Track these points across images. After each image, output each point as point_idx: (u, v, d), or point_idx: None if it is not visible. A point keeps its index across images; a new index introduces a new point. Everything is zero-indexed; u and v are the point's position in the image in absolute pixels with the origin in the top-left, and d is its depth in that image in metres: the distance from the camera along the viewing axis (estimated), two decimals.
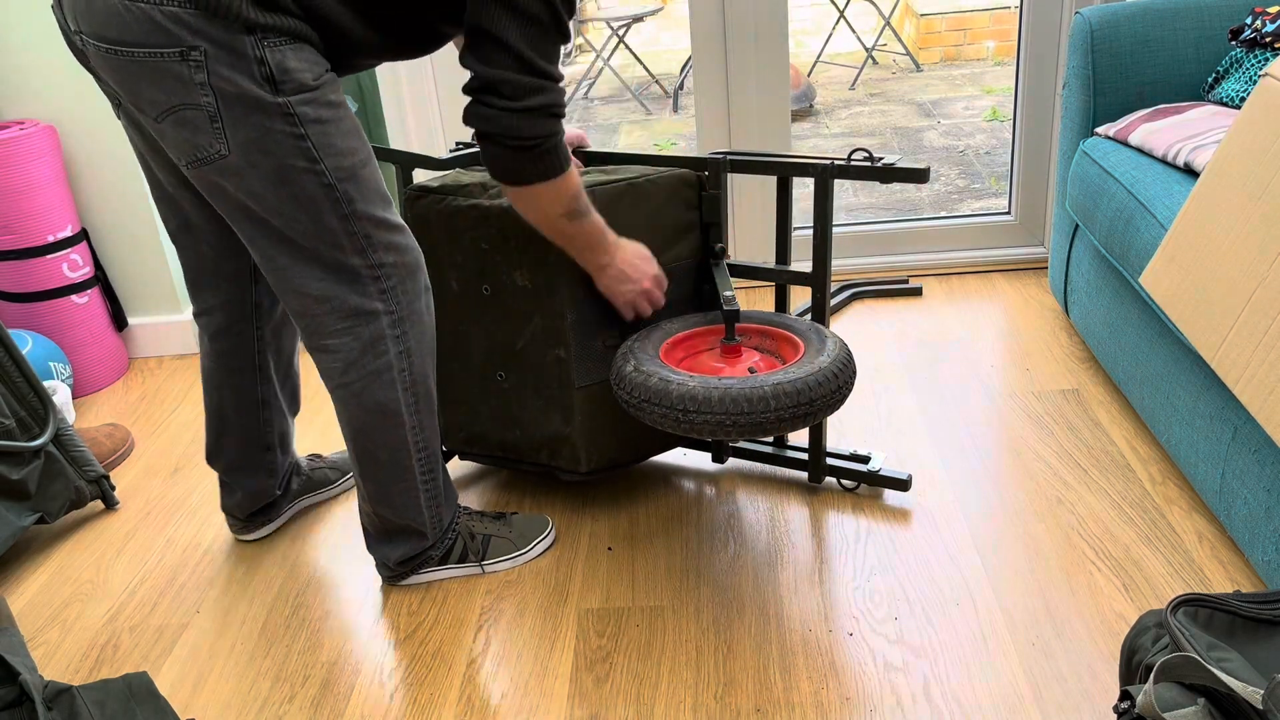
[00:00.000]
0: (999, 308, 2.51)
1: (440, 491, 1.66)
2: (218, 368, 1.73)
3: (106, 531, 1.96)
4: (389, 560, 1.68)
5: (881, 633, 1.54)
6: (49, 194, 2.38)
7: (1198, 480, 1.68)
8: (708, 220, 1.79)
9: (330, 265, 1.45)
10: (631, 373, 1.58)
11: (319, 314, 1.48)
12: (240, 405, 1.75)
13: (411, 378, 1.54)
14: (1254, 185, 1.36)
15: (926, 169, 1.63)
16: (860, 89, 5.42)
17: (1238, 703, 0.94)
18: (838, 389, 1.54)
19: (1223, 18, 2.07)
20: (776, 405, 1.49)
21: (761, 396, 1.48)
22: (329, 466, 1.99)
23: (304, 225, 1.42)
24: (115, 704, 1.22)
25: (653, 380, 1.54)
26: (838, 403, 1.55)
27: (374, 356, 1.50)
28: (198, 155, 1.37)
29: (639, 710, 1.45)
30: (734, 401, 1.48)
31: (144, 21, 1.28)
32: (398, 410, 1.55)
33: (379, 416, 1.54)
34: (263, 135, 1.35)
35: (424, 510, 1.64)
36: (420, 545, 1.68)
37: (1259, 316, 1.31)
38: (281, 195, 1.40)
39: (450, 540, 1.71)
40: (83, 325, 2.49)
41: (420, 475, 1.62)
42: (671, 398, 1.51)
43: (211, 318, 1.70)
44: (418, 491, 1.63)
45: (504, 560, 1.74)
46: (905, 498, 1.84)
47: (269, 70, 1.32)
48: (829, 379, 1.53)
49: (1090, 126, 2.16)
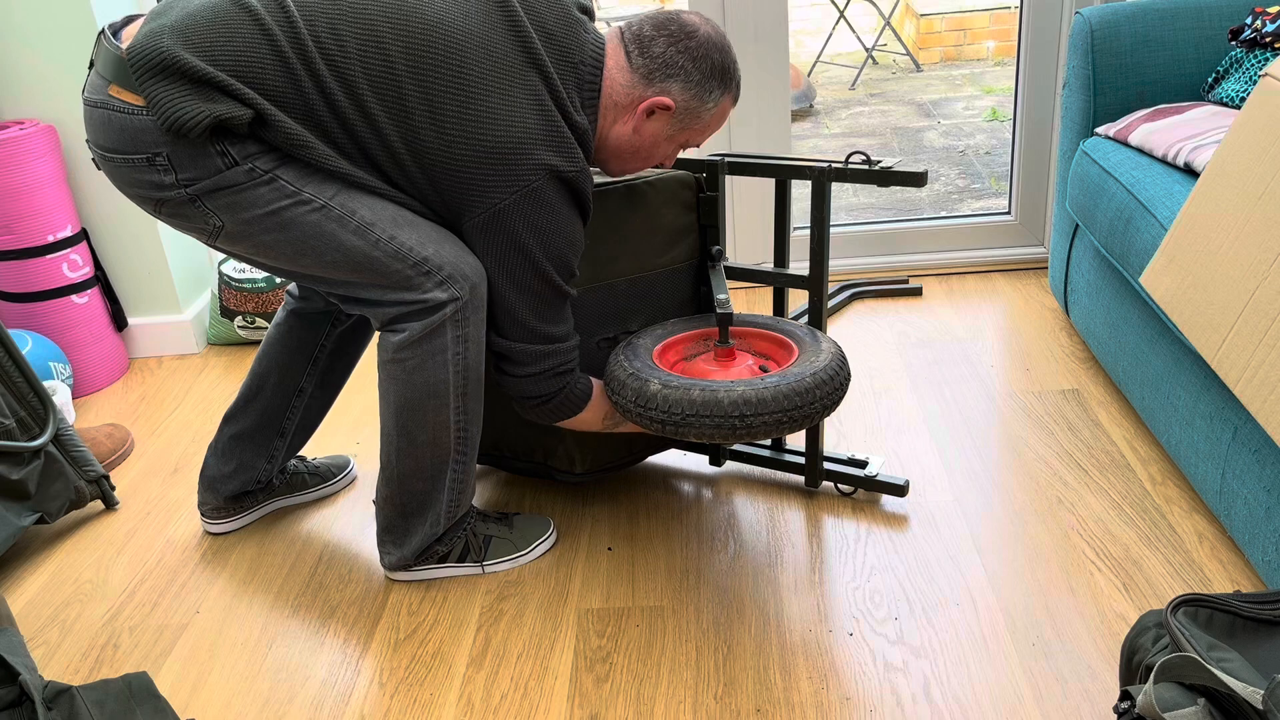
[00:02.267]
0: (999, 308, 2.52)
1: (466, 483, 1.67)
2: (280, 341, 1.81)
3: (106, 531, 1.96)
4: (404, 548, 1.69)
5: (881, 633, 1.54)
6: (49, 194, 2.38)
7: (1198, 480, 1.68)
8: (705, 222, 1.79)
9: (377, 278, 1.49)
10: (628, 378, 1.56)
11: (391, 314, 1.53)
12: (280, 382, 1.82)
13: (465, 362, 1.56)
14: (1254, 185, 1.36)
15: (924, 173, 1.63)
16: (860, 89, 5.42)
17: (1238, 703, 0.94)
18: (835, 390, 1.53)
19: (1223, 18, 2.07)
20: (776, 407, 1.48)
21: (762, 399, 1.47)
22: (309, 471, 1.99)
23: (330, 255, 1.48)
24: (115, 704, 1.22)
25: (652, 386, 1.52)
26: (834, 404, 1.54)
27: (433, 337, 1.53)
28: (205, 233, 1.49)
29: (639, 710, 1.45)
30: (734, 405, 1.47)
31: (123, 130, 1.42)
32: (445, 391, 1.57)
33: (426, 395, 1.56)
34: (239, 199, 1.45)
35: (446, 497, 1.65)
36: (432, 534, 1.68)
37: (1259, 316, 1.31)
38: (292, 238, 1.47)
39: (457, 537, 1.71)
40: (83, 325, 2.49)
41: (454, 461, 1.63)
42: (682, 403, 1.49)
43: (305, 298, 1.80)
44: (445, 477, 1.63)
45: (505, 561, 1.74)
46: (904, 498, 1.83)
47: (231, 159, 1.42)
48: (828, 380, 1.52)
49: (1090, 126, 2.16)
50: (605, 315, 1.74)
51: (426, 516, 1.66)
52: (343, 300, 1.56)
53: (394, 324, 1.53)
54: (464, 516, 1.72)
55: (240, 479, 1.85)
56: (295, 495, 1.97)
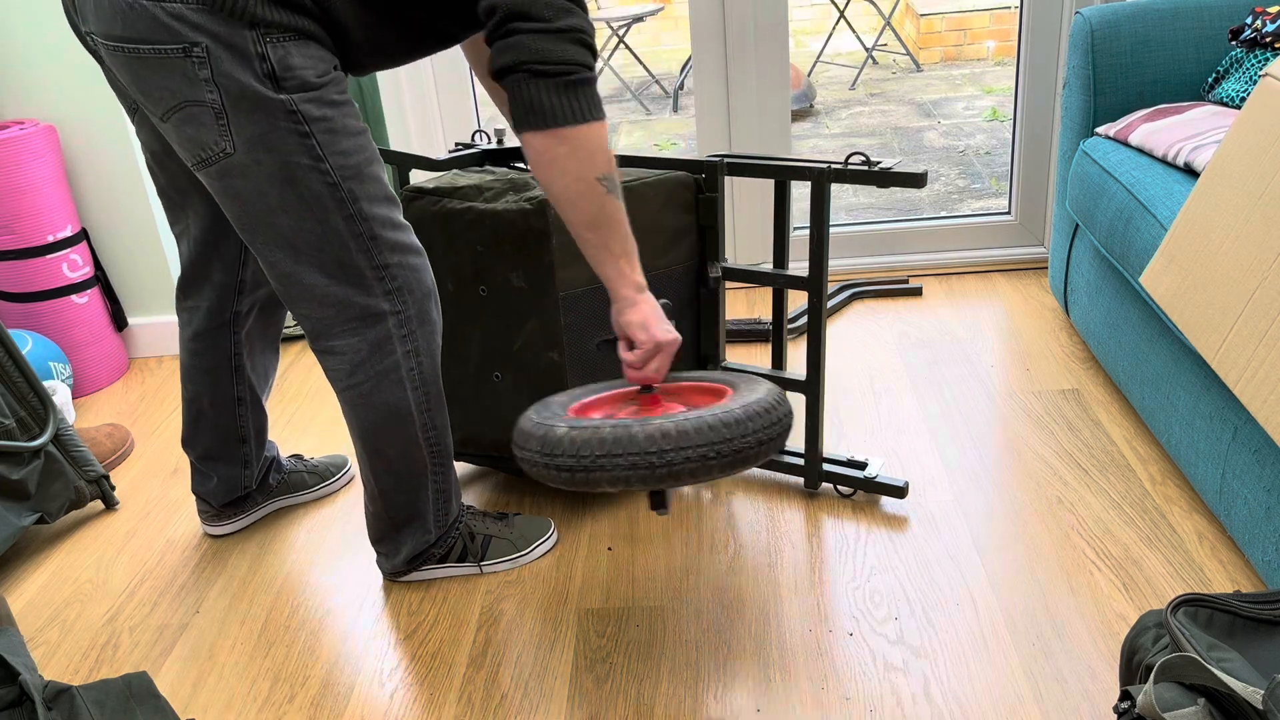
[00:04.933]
0: (999, 308, 2.51)
1: (449, 488, 1.66)
2: (194, 366, 1.76)
3: (106, 531, 1.96)
4: (395, 557, 1.69)
5: (881, 633, 1.54)
6: (49, 194, 2.38)
7: (1198, 480, 1.68)
8: (705, 223, 1.79)
9: (336, 267, 1.45)
10: (534, 427, 1.33)
11: (325, 317, 1.48)
12: (216, 401, 1.78)
13: (422, 377, 1.54)
14: (1254, 185, 1.36)
15: (924, 174, 1.63)
16: (860, 89, 5.42)
17: (1238, 703, 0.94)
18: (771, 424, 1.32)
19: (1223, 18, 2.07)
20: (701, 440, 1.27)
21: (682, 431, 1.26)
22: (308, 470, 1.99)
23: (309, 226, 1.42)
24: (115, 704, 1.22)
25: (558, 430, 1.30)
26: (772, 441, 1.33)
27: (381, 357, 1.50)
28: (204, 154, 1.38)
29: (639, 710, 1.45)
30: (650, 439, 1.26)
31: (148, 19, 1.29)
32: (408, 410, 1.54)
33: (388, 417, 1.54)
34: (267, 132, 1.35)
35: (431, 505, 1.65)
36: (424, 541, 1.68)
37: (1259, 316, 1.31)
38: (287, 195, 1.40)
39: (453, 539, 1.71)
40: (83, 325, 2.49)
41: (432, 472, 1.62)
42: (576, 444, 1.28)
43: (192, 316, 1.72)
44: (427, 488, 1.63)
45: (504, 561, 1.74)
46: (904, 498, 1.83)
47: (270, 67, 1.32)
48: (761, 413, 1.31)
49: (1090, 126, 2.16)
50: (605, 316, 1.74)
51: (415, 526, 1.66)
52: (280, 280, 1.47)
53: (330, 340, 1.49)
54: (456, 520, 1.71)
55: (226, 489, 1.85)
56: (294, 495, 1.97)
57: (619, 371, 1.79)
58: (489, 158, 1.94)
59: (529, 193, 1.69)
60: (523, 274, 1.70)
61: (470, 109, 2.65)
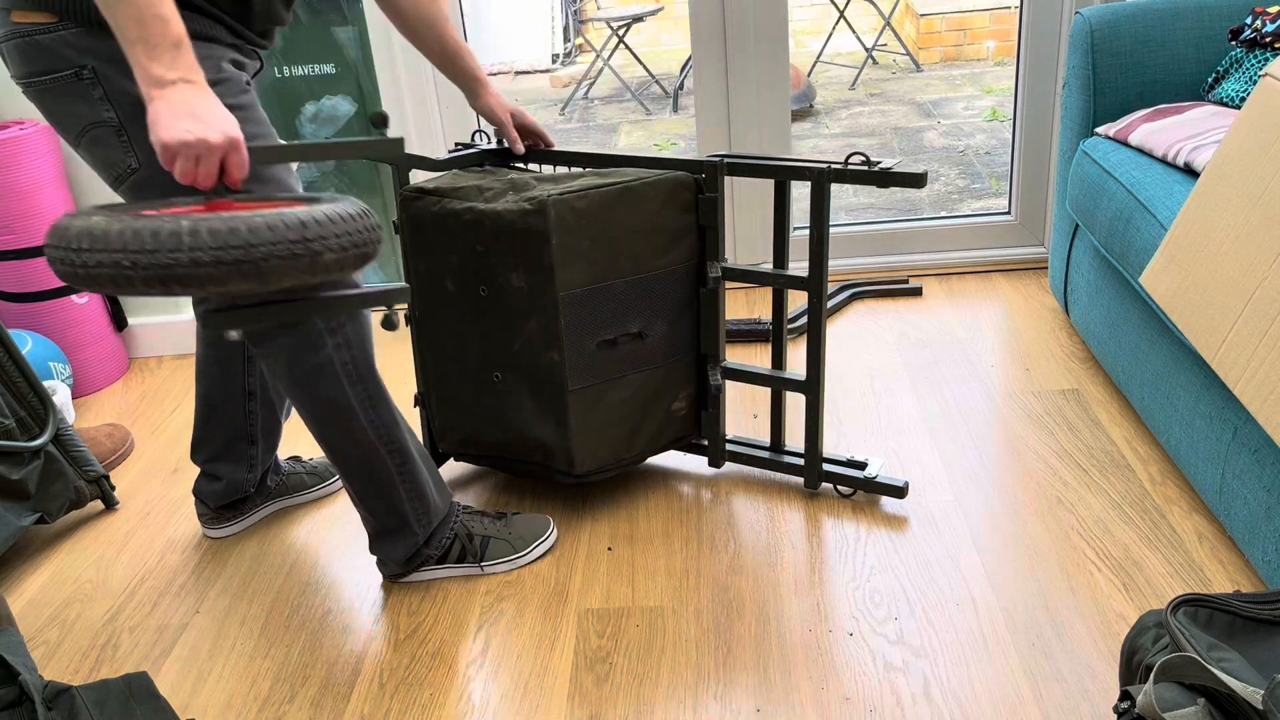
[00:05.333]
0: (999, 308, 2.52)
1: (422, 487, 1.65)
2: (208, 357, 1.78)
3: (106, 531, 1.96)
4: (391, 559, 1.69)
5: (881, 633, 1.54)
6: (49, 194, 2.38)
7: (1198, 480, 1.68)
8: (705, 223, 1.79)
9: None
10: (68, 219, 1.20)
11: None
12: (226, 393, 1.79)
13: (356, 370, 1.55)
14: (1254, 185, 1.36)
15: (924, 174, 1.63)
16: (860, 89, 5.42)
17: (1238, 703, 0.94)
18: (307, 241, 1.19)
19: (1223, 18, 2.07)
20: (193, 245, 1.13)
21: (174, 232, 1.13)
22: (307, 472, 2.00)
23: None
24: (115, 704, 1.22)
25: (76, 223, 1.17)
26: (309, 264, 1.21)
27: (312, 352, 1.51)
28: (116, 172, 1.41)
29: (639, 710, 1.45)
30: (121, 235, 1.13)
31: (40, 50, 1.34)
32: (348, 404, 1.55)
33: (332, 413, 1.55)
34: None
35: (406, 505, 1.65)
36: (413, 543, 1.68)
37: (1259, 316, 1.31)
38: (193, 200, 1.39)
39: (447, 540, 1.71)
40: (83, 325, 2.49)
41: (395, 469, 1.62)
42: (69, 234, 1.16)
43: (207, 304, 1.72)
44: (397, 487, 1.63)
45: (503, 562, 1.74)
46: (905, 498, 1.83)
47: None
48: (291, 226, 1.18)
49: (1090, 126, 2.16)
50: (604, 316, 1.74)
51: (401, 529, 1.67)
52: None
53: (262, 345, 1.51)
54: (445, 519, 1.71)
55: (227, 491, 1.86)
56: (293, 497, 1.97)
57: (619, 371, 1.79)
58: (489, 158, 1.94)
59: (529, 193, 1.69)
60: (523, 274, 1.70)
61: (470, 109, 2.66)
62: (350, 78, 2.74)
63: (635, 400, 1.82)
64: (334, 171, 2.77)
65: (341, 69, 2.62)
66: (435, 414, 1.92)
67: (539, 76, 6.57)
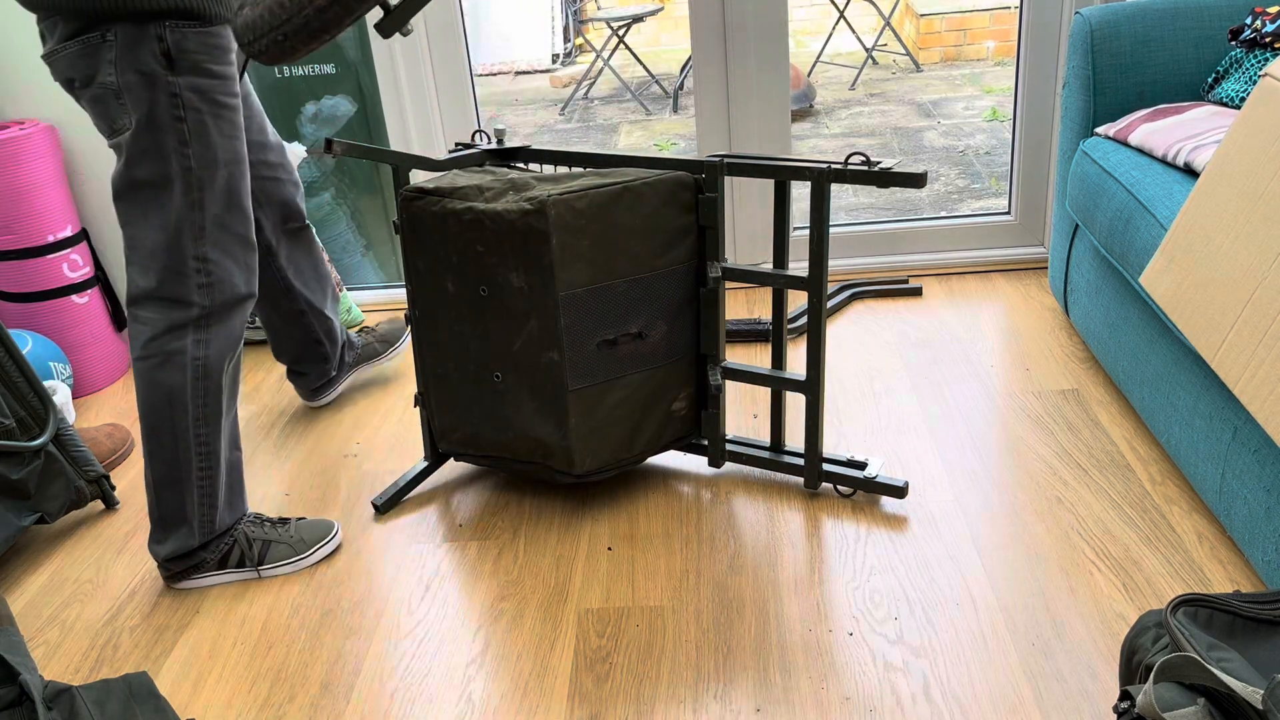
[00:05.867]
0: (999, 308, 2.52)
1: (217, 496, 1.71)
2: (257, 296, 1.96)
3: (106, 531, 1.96)
4: (159, 554, 1.73)
5: (881, 633, 1.54)
6: (49, 194, 2.38)
7: (1198, 480, 1.68)
8: (705, 223, 1.79)
9: (167, 238, 1.58)
10: None
11: (142, 285, 1.61)
12: (283, 319, 2.13)
13: (204, 371, 1.63)
14: (1254, 185, 1.36)
15: (923, 174, 1.63)
16: (860, 89, 5.42)
17: (1238, 703, 0.94)
18: None
19: (1223, 18, 2.07)
20: None
21: None
22: (378, 340, 2.36)
23: (162, 196, 1.56)
24: (115, 704, 1.22)
25: None
26: None
27: (173, 339, 1.62)
28: (113, 129, 1.55)
29: (639, 710, 1.45)
30: None
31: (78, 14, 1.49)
32: (184, 399, 1.63)
33: (166, 399, 1.63)
34: (152, 109, 1.52)
35: (195, 507, 1.69)
36: (187, 543, 1.71)
37: (1259, 316, 1.31)
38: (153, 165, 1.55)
39: (225, 546, 1.74)
40: (83, 325, 2.49)
41: (197, 473, 1.67)
42: None
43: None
44: (192, 488, 1.68)
45: (283, 565, 1.78)
46: (904, 498, 1.84)
47: (167, 47, 1.49)
48: None
49: (1090, 126, 2.16)
50: (605, 316, 1.74)
51: (179, 527, 1.71)
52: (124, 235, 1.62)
53: (139, 308, 1.62)
54: (230, 529, 1.75)
55: (315, 380, 2.25)
56: (371, 363, 2.35)
57: (619, 371, 1.79)
58: (489, 158, 1.94)
59: (529, 193, 1.69)
60: (523, 274, 1.70)
61: (470, 109, 2.66)
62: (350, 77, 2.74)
63: (635, 400, 1.82)
64: (334, 171, 2.77)
65: (341, 69, 2.62)
66: (435, 414, 1.92)
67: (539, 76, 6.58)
